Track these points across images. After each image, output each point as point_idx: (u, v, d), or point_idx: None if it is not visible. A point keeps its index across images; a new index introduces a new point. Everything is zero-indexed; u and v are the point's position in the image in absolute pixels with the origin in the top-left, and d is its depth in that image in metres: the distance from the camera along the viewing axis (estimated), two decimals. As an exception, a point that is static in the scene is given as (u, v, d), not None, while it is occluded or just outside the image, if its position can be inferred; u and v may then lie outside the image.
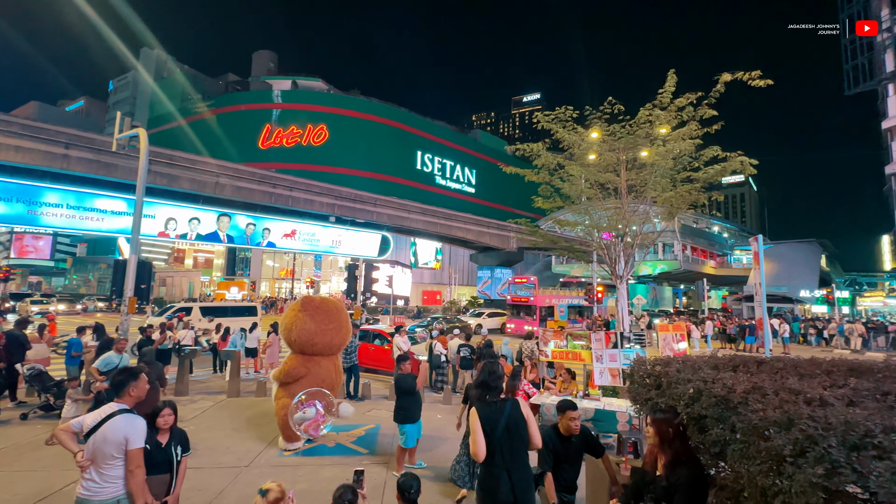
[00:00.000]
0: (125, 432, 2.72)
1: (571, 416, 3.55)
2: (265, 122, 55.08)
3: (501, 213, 56.84)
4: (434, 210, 33.69)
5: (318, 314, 6.55)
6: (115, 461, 2.71)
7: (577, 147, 9.57)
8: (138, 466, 2.77)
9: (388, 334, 13.32)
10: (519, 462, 2.81)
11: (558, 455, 3.49)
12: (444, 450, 6.56)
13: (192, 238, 22.41)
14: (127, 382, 2.94)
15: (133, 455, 2.75)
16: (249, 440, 6.65)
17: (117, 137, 10.60)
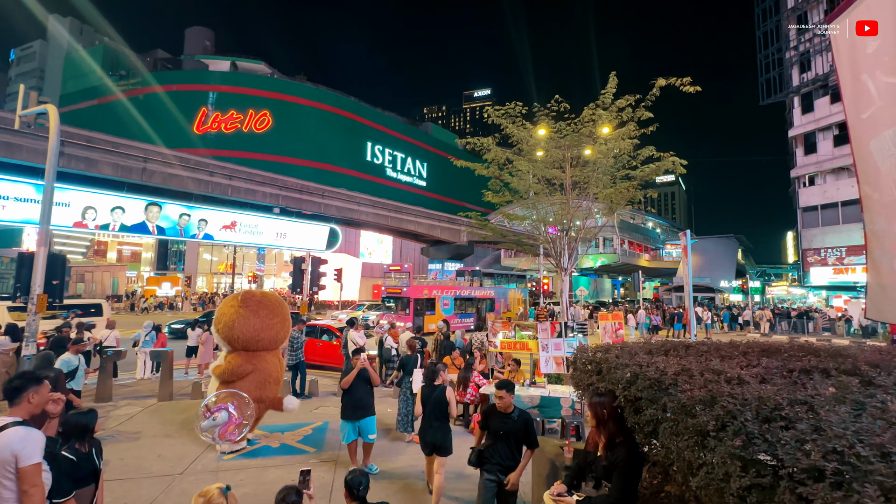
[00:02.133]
0: (15, 447, 2.33)
1: (499, 395, 3.81)
2: (201, 105, 51.17)
3: (452, 206, 57.22)
4: (385, 203, 33.20)
5: (262, 309, 6.32)
6: (6, 480, 2.32)
7: (526, 143, 9.83)
8: (34, 485, 2.35)
9: (337, 329, 13.00)
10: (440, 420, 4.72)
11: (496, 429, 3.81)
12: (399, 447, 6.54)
13: (115, 229, 20.32)
14: (24, 389, 2.56)
15: (27, 472, 2.35)
16: (184, 445, 6.22)
17: (20, 114, 9.31)
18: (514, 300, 27.51)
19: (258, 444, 6.32)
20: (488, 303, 24.71)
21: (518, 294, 28.47)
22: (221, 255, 49.85)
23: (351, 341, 9.92)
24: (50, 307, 8.15)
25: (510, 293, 27.38)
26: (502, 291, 27.02)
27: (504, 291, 27.01)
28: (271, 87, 54.24)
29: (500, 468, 3.73)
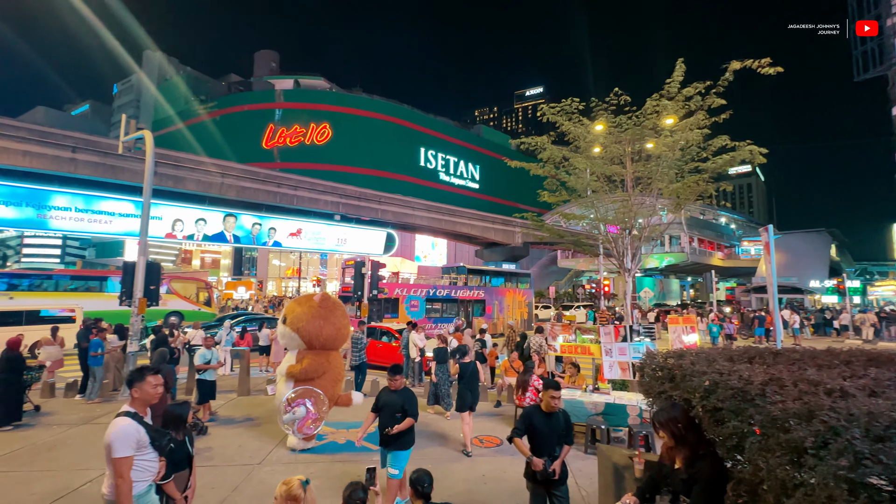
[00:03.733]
0: (110, 438, 2.62)
1: (552, 395, 3.74)
2: (268, 122, 55.17)
3: (506, 207, 56.65)
4: (438, 206, 33.63)
5: (337, 310, 6.67)
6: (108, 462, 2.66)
7: (583, 140, 9.49)
8: (120, 476, 2.57)
9: (396, 331, 13.35)
10: (475, 387, 6.64)
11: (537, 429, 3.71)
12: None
13: (198, 239, 22.53)
14: (132, 382, 2.87)
15: (115, 464, 2.57)
16: (260, 438, 6.70)
17: (123, 140, 10.66)
18: (514, 303, 23.95)
19: (326, 439, 6.65)
20: (477, 305, 21.68)
21: (520, 296, 24.55)
22: (288, 261, 53.26)
23: (412, 343, 10.17)
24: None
25: (508, 294, 23.63)
26: (497, 293, 23.42)
27: (499, 293, 23.41)
28: (330, 101, 57.20)
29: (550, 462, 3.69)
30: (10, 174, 18.11)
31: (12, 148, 17.76)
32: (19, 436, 6.65)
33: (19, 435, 6.69)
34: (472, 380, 6.85)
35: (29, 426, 7.16)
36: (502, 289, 23.94)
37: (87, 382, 8.95)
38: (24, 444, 6.27)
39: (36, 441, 6.43)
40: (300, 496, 2.53)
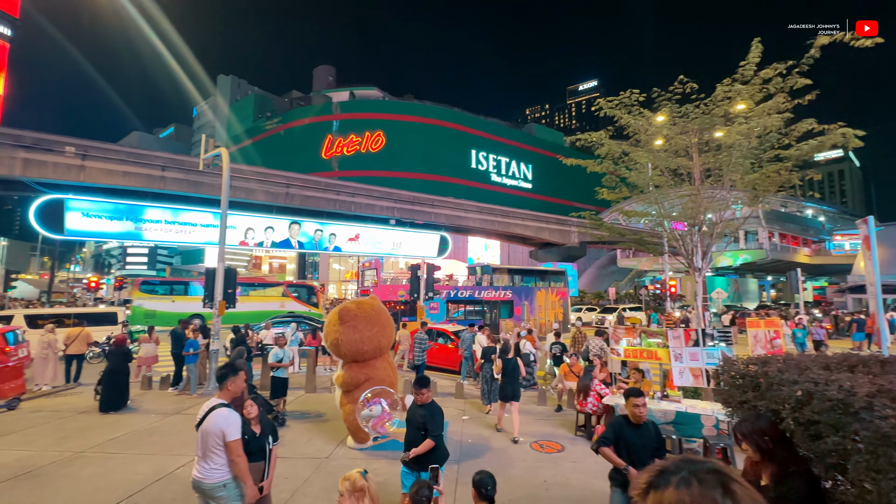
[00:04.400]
0: (222, 426, 2.99)
1: (634, 403, 3.51)
2: (327, 133, 58.12)
3: (561, 207, 55.11)
4: (490, 208, 33.47)
5: (359, 322, 6.39)
6: (218, 450, 2.99)
7: (644, 132, 8.98)
8: (238, 455, 3.02)
9: (452, 333, 13.47)
10: (515, 380, 7.16)
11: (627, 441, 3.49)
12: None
13: (267, 245, 24.25)
14: (226, 377, 3.22)
15: (232, 446, 3.01)
16: (327, 433, 7.05)
17: (203, 158, 11.76)
18: (546, 304, 22.76)
19: (387, 438, 6.85)
20: (504, 306, 20.72)
21: (552, 296, 22.80)
22: (347, 265, 55.62)
23: (478, 344, 10.22)
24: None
25: (538, 295, 22.13)
26: (527, 293, 21.97)
27: (529, 293, 22.04)
28: (383, 110, 59.12)
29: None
30: (112, 192, 20.64)
31: (114, 169, 20.25)
32: (124, 422, 7.54)
33: (124, 421, 7.58)
34: (514, 374, 7.33)
35: (131, 411, 8.11)
36: (533, 288, 22.48)
37: (180, 376, 9.97)
38: (129, 430, 7.10)
39: (138, 428, 7.26)
40: (364, 486, 2.63)
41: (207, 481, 3.00)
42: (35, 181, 19.08)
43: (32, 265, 67.59)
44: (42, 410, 8.23)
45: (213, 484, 3.00)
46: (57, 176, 19.03)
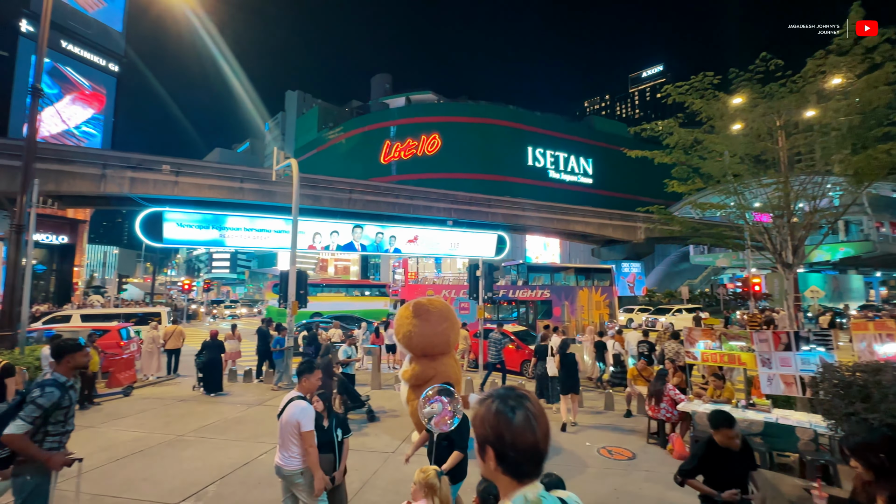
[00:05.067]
0: (298, 417, 3.22)
1: (728, 434, 3.09)
2: (385, 139, 60.14)
3: (625, 201, 52.34)
4: (549, 205, 32.65)
5: (431, 316, 6.52)
6: (294, 439, 3.23)
7: (720, 117, 8.26)
8: (311, 446, 3.23)
9: (511, 333, 13.33)
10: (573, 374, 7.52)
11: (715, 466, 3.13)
12: (580, 454, 6.28)
13: (333, 249, 25.59)
14: (303, 373, 3.47)
15: (304, 436, 3.22)
16: (392, 429, 7.31)
17: (276, 169, 12.73)
18: (588, 304, 20.66)
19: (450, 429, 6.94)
20: (542, 306, 19.41)
21: (596, 295, 21.01)
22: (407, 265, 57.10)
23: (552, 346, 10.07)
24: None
25: (580, 295, 20.41)
26: (567, 292, 20.46)
27: (570, 292, 20.42)
28: (438, 113, 59.96)
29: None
30: (199, 203, 22.98)
31: (202, 183, 22.53)
32: (215, 410, 8.36)
33: (215, 410, 8.40)
34: (573, 369, 7.65)
35: (224, 396, 8.98)
36: (574, 287, 20.93)
37: (262, 369, 10.91)
38: (219, 418, 7.86)
39: (227, 416, 8.02)
40: (436, 486, 2.70)
41: (286, 468, 3.25)
42: (139, 196, 21.78)
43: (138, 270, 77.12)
44: (150, 397, 9.38)
45: (291, 471, 3.25)
46: (156, 191, 21.57)
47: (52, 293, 30.23)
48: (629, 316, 28.23)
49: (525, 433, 1.13)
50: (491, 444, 1.14)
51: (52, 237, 29.59)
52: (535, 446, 1.13)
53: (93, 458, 5.53)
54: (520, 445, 1.12)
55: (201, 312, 39.02)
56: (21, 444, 2.80)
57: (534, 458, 1.14)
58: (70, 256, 31.98)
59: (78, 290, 32.83)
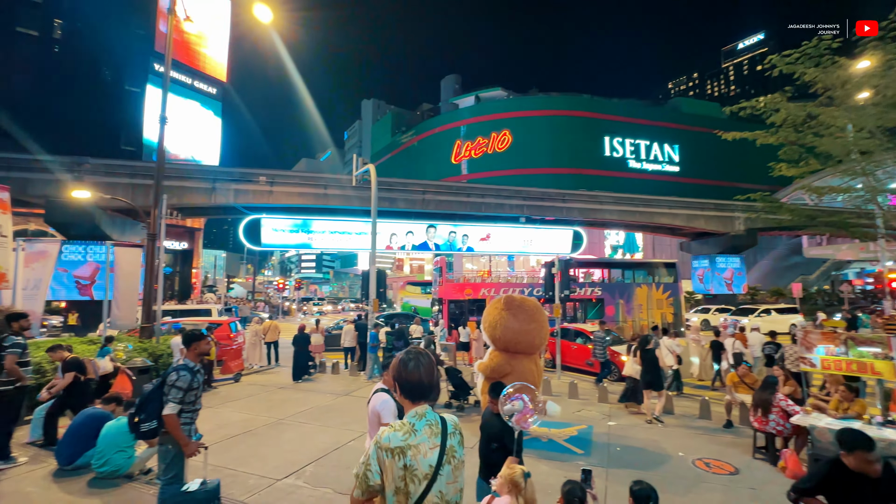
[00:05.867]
0: (378, 408, 3.35)
1: (867, 459, 2.62)
2: (455, 139, 60.84)
3: (719, 189, 47.25)
4: (630, 197, 30.57)
5: (521, 313, 6.57)
6: (376, 429, 3.43)
7: (841, 86, 7.09)
8: None
9: (591, 332, 12.76)
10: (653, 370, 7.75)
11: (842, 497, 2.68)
12: (672, 464, 5.83)
13: (408, 248, 26.61)
14: (385, 367, 3.69)
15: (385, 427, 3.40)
16: (470, 423, 7.40)
17: (355, 174, 13.54)
18: (647, 302, 18.34)
19: (528, 436, 6.85)
20: (591, 306, 17.94)
21: (658, 293, 18.79)
22: (479, 264, 57.26)
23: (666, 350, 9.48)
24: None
25: (638, 293, 18.28)
26: (622, 290, 18.53)
27: (626, 290, 18.38)
28: (507, 108, 59.16)
29: None
30: (290, 210, 25.21)
31: (292, 191, 24.71)
32: (308, 399, 9.14)
33: (308, 398, 9.19)
34: (655, 364, 7.80)
35: (313, 387, 9.80)
36: (631, 284, 19.11)
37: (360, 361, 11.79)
38: (313, 406, 8.58)
39: (318, 404, 8.73)
40: (521, 485, 2.70)
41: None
42: (242, 205, 24.50)
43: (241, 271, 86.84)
44: (255, 384, 10.55)
45: None
46: (255, 200, 24.11)
47: (177, 292, 35.23)
48: (703, 317, 25.34)
49: (413, 373, 1.94)
50: (395, 380, 1.98)
51: (175, 244, 34.49)
52: (419, 382, 1.94)
53: (212, 435, 6.37)
54: (410, 380, 1.94)
55: (293, 309, 42.88)
56: (173, 423, 3.39)
57: (419, 388, 1.96)
58: (189, 260, 37.01)
59: (196, 289, 37.89)
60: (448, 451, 1.92)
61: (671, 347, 9.65)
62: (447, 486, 1.88)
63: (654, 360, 7.82)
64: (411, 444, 1.84)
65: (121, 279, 10.34)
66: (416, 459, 1.83)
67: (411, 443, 1.84)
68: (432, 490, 1.83)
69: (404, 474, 1.81)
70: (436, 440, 1.90)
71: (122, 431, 4.99)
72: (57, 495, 4.65)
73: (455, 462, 1.94)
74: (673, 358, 9.69)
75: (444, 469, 1.88)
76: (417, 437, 1.86)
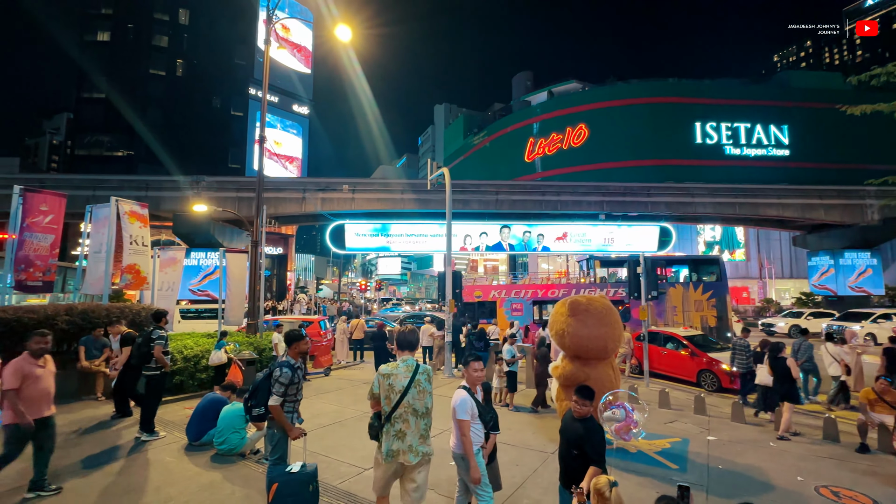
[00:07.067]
0: (455, 404, 3.48)
1: None
2: (528, 137, 59.63)
3: (841, 173, 40.49)
4: (728, 188, 27.49)
5: (589, 318, 6.19)
6: (453, 423, 3.51)
7: None
8: (463, 434, 3.40)
9: (683, 337, 11.72)
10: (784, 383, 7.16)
11: None
12: (789, 489, 5.12)
13: (482, 249, 26.62)
14: (466, 364, 3.77)
15: (459, 424, 3.44)
16: (547, 430, 7.20)
17: (430, 178, 13.92)
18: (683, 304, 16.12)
19: (613, 445, 6.48)
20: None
21: (696, 293, 16.41)
22: (555, 264, 55.43)
23: (832, 356, 8.70)
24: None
25: (672, 294, 16.33)
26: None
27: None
28: (582, 101, 56.53)
29: None
30: (370, 216, 26.67)
31: (371, 197, 26.15)
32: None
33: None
34: (784, 374, 7.17)
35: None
36: (662, 284, 17.10)
37: (425, 360, 12.10)
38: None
39: (400, 400, 9.12)
40: (606, 494, 2.58)
41: (455, 451, 3.55)
42: (328, 212, 26.49)
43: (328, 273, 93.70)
44: (342, 378, 11.33)
45: (455, 454, 3.55)
46: (339, 207, 25.93)
47: (274, 293, 39.13)
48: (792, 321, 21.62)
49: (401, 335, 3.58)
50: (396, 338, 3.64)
51: (273, 249, 38.35)
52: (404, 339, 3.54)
53: (307, 424, 6.91)
54: (400, 339, 3.57)
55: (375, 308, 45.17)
56: (278, 412, 3.85)
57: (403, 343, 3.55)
58: (284, 263, 40.91)
59: (291, 290, 41.75)
60: (415, 381, 3.34)
61: (839, 355, 8.65)
62: (413, 400, 3.32)
63: (786, 370, 7.16)
64: (394, 373, 3.36)
65: (231, 281, 11.76)
66: (396, 381, 3.33)
67: (394, 372, 3.36)
68: (404, 399, 3.29)
69: (388, 389, 3.33)
70: (409, 374, 3.35)
71: (237, 414, 5.70)
72: (188, 466, 5.44)
73: (420, 388, 3.35)
74: (840, 367, 8.60)
75: (412, 391, 3.32)
76: (398, 370, 3.37)
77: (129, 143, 39.77)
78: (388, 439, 3.25)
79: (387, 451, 3.22)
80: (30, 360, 4.30)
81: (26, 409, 4.12)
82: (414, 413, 3.28)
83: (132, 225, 10.18)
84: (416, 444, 3.23)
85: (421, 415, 3.30)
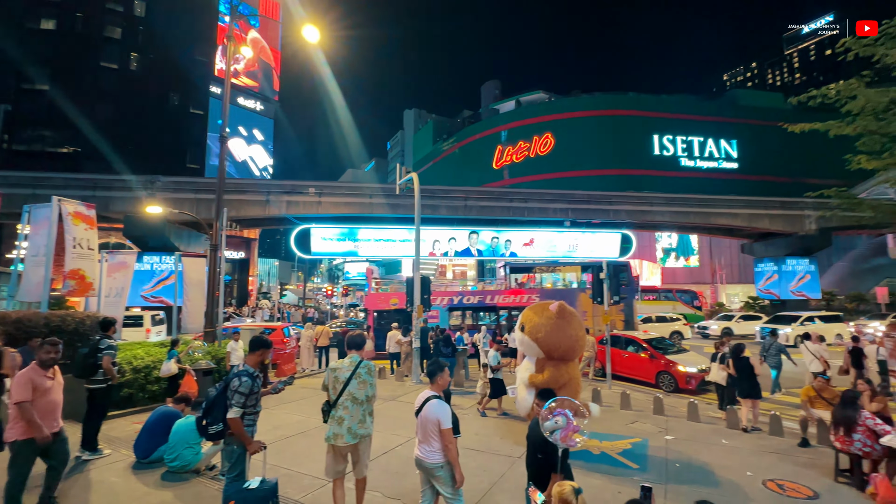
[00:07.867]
0: (438, 415, 3.43)
1: None
2: (496, 144, 60.60)
3: (784, 186, 43.65)
4: (683, 198, 28.96)
5: (574, 320, 6.74)
6: (435, 435, 3.45)
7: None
8: (450, 441, 3.42)
9: (643, 341, 12.18)
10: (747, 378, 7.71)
11: None
12: (740, 484, 5.38)
13: (451, 255, 26.73)
14: (436, 373, 3.72)
15: (444, 433, 3.42)
16: (515, 434, 7.26)
17: (399, 183, 13.84)
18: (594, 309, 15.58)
19: (578, 446, 6.61)
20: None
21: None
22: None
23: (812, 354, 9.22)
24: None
25: (582, 298, 16.47)
26: (563, 295, 16.38)
27: (568, 295, 16.11)
28: (548, 111, 58.16)
29: None
30: (337, 220, 26.16)
31: (339, 201, 25.66)
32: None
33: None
34: (748, 372, 7.66)
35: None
36: (573, 290, 18.24)
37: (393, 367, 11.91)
38: (361, 410, 8.79)
39: (367, 408, 8.92)
40: (571, 502, 2.60)
41: (427, 461, 3.48)
42: (293, 216, 25.76)
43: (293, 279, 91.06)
44: (307, 387, 10.96)
45: (432, 464, 3.47)
46: (305, 211, 25.26)
47: (235, 298, 37.54)
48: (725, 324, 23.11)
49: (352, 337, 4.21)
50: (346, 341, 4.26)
51: (234, 253, 36.86)
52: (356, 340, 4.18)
53: (268, 435, 6.68)
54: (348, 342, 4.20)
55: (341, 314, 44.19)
56: (237, 425, 3.61)
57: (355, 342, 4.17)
58: (246, 268, 39.40)
59: (252, 295, 40.19)
60: (356, 374, 3.97)
61: (818, 352, 9.21)
62: (355, 390, 3.94)
63: (749, 368, 7.73)
64: (339, 367, 4.03)
65: (189, 286, 11.17)
66: (340, 374, 3.98)
67: (340, 367, 4.03)
68: (346, 389, 3.92)
69: (334, 381, 3.99)
70: (351, 367, 3.99)
71: (190, 429, 5.37)
72: (136, 486, 5.07)
73: (360, 380, 3.97)
74: (821, 364, 9.09)
75: (353, 382, 3.94)
76: (343, 365, 4.04)
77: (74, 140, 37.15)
78: (332, 424, 3.92)
79: (328, 435, 3.93)
80: (39, 371, 4.01)
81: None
82: (354, 400, 3.91)
83: (77, 227, 9.47)
84: (354, 426, 3.90)
85: (360, 402, 3.95)
